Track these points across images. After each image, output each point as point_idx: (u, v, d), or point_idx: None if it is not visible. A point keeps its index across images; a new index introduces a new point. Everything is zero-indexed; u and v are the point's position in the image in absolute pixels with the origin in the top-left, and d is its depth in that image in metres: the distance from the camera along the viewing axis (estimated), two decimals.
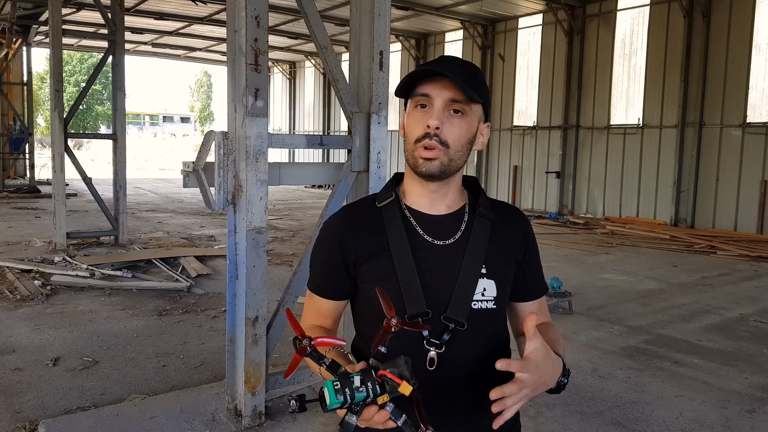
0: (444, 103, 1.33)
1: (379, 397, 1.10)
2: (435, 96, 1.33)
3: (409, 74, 1.34)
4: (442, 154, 1.34)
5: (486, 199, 1.48)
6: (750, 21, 12.36)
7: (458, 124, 1.34)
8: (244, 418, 3.68)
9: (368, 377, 1.10)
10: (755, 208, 12.30)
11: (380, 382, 1.11)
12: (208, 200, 3.60)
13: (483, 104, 1.38)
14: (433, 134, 1.33)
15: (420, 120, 1.35)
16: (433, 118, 1.32)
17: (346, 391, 1.08)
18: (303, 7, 3.79)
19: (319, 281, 1.49)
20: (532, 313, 1.23)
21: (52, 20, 9.16)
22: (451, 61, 1.37)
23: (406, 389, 1.09)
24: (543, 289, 1.57)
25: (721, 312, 6.74)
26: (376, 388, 1.10)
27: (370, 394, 1.09)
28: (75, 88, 46.35)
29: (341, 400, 1.08)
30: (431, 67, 1.33)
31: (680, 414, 4.13)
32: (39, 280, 7.09)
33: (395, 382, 1.10)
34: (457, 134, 1.34)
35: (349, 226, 1.45)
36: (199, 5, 16.73)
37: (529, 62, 16.92)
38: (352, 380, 1.09)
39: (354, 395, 1.08)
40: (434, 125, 1.32)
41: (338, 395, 1.08)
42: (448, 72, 1.30)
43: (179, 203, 16.42)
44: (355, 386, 1.09)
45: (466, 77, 1.32)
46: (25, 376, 4.53)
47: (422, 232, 1.41)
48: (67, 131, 9.21)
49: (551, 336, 1.45)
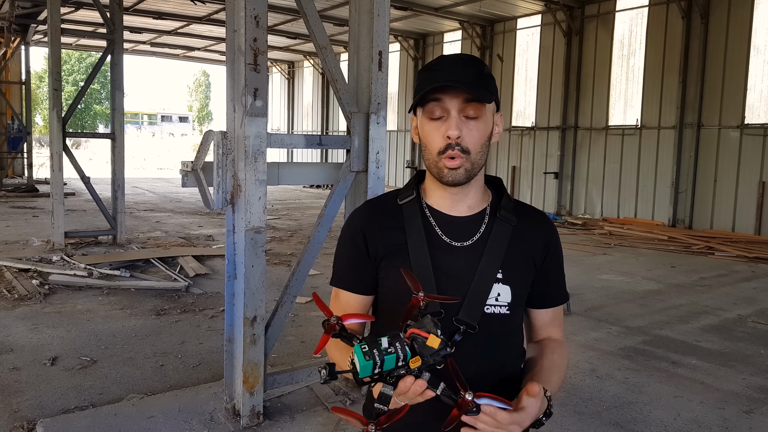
0: (459, 110, 1.32)
1: (411, 361, 1.06)
2: (448, 105, 1.32)
3: (422, 91, 1.32)
4: (465, 161, 1.34)
5: (509, 202, 1.46)
6: (748, 22, 12.38)
7: (476, 127, 1.34)
8: (242, 417, 3.68)
9: (396, 338, 1.07)
10: (753, 209, 12.32)
11: (409, 343, 1.08)
12: (207, 200, 3.60)
13: (495, 97, 1.38)
14: (455, 144, 1.32)
15: (437, 130, 1.34)
16: (452, 128, 1.31)
17: (375, 353, 1.05)
18: (302, 7, 3.79)
19: (346, 276, 1.48)
20: (532, 383, 1.20)
21: (51, 19, 9.14)
22: (455, 62, 1.35)
23: (434, 342, 1.07)
24: (561, 298, 1.53)
25: (718, 313, 6.75)
26: (405, 348, 1.06)
27: (400, 354, 1.06)
28: (73, 87, 46.32)
29: (370, 362, 1.04)
30: (437, 73, 1.32)
31: (678, 414, 4.14)
32: (37, 280, 7.08)
33: (422, 336, 1.08)
34: (476, 138, 1.34)
35: (371, 221, 1.45)
36: (197, 5, 16.71)
37: (527, 63, 16.93)
38: (380, 342, 1.06)
39: (383, 357, 1.05)
40: (455, 135, 1.31)
41: (367, 357, 1.04)
42: (458, 81, 1.29)
43: (177, 203, 16.41)
44: (384, 347, 1.05)
45: (474, 77, 1.31)
46: (23, 375, 4.52)
47: (440, 233, 1.41)
48: (66, 130, 9.19)
49: (554, 361, 1.43)
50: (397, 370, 1.07)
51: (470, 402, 1.08)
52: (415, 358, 1.07)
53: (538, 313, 1.51)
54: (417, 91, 1.35)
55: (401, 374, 1.07)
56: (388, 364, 1.06)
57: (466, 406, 1.08)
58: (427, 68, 1.37)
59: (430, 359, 1.08)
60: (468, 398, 1.08)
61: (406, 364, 1.06)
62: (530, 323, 1.53)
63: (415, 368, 1.07)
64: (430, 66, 1.37)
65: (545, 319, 1.51)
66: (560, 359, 1.45)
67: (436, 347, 1.07)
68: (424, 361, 1.08)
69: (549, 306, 1.51)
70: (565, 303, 1.55)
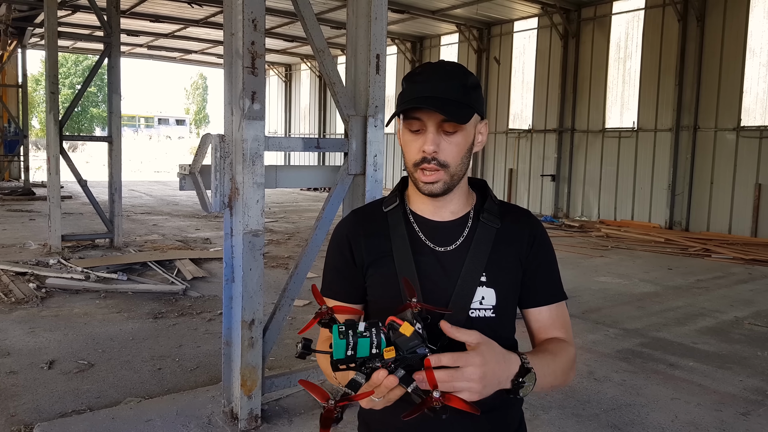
0: (436, 126, 1.31)
1: (385, 350, 1.07)
2: (426, 120, 1.31)
3: (399, 109, 1.31)
4: (443, 174, 1.33)
5: (493, 204, 1.45)
6: (744, 25, 12.44)
7: (455, 142, 1.33)
8: (240, 421, 3.67)
9: (373, 325, 1.08)
10: (749, 212, 12.36)
11: (386, 332, 1.08)
12: (205, 203, 3.60)
13: (477, 110, 1.36)
14: (431, 158, 1.32)
15: (414, 143, 1.34)
16: (428, 143, 1.31)
17: (349, 333, 1.06)
18: (300, 10, 3.80)
19: (334, 286, 1.47)
20: (442, 321, 1.18)
21: (48, 22, 9.14)
22: (438, 74, 1.33)
23: (407, 329, 1.08)
24: (556, 296, 1.46)
25: (715, 315, 6.76)
26: (381, 336, 1.07)
27: (374, 340, 1.06)
28: (70, 90, 46.30)
29: (343, 342, 1.05)
30: (419, 86, 1.31)
31: (675, 417, 4.15)
32: (34, 283, 7.06)
33: (397, 323, 1.09)
34: (455, 152, 1.33)
35: (357, 230, 1.46)
36: (195, 8, 16.73)
37: (524, 66, 16.97)
38: (357, 326, 1.07)
39: (357, 339, 1.06)
40: (430, 150, 1.31)
41: (341, 336, 1.06)
42: (435, 100, 1.27)
43: (174, 206, 16.39)
44: (359, 330, 1.06)
45: (456, 91, 1.30)
46: (20, 379, 4.51)
47: (424, 238, 1.41)
48: (62, 133, 9.18)
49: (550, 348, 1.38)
50: (372, 360, 1.07)
51: (436, 399, 1.08)
52: (390, 348, 1.07)
53: (533, 314, 1.46)
54: (398, 101, 1.34)
55: (377, 367, 1.08)
56: (362, 349, 1.06)
57: (430, 403, 1.08)
58: (410, 78, 1.35)
59: (404, 353, 1.08)
60: (435, 395, 1.08)
61: (380, 353, 1.07)
62: (530, 327, 1.49)
63: (389, 360, 1.07)
64: (414, 76, 1.35)
65: (542, 320, 1.45)
66: (557, 348, 1.39)
67: (408, 335, 1.08)
68: (398, 353, 1.08)
69: (542, 303, 1.45)
70: (563, 302, 1.48)
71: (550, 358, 1.34)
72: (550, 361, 1.33)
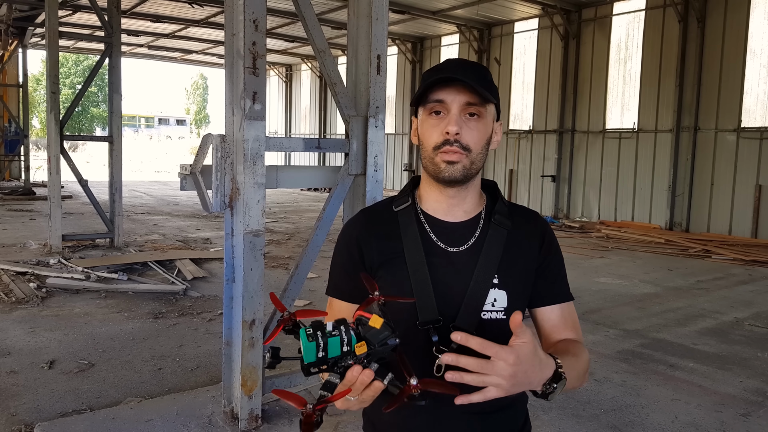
0: (460, 108, 1.31)
1: (356, 346, 1.05)
2: (450, 101, 1.31)
3: (426, 83, 1.32)
4: (464, 158, 1.33)
5: (504, 206, 1.44)
6: (744, 26, 12.44)
7: (476, 127, 1.33)
8: (240, 421, 3.67)
9: (341, 323, 1.06)
10: (749, 213, 12.36)
11: (354, 328, 1.06)
12: (205, 203, 3.60)
13: (495, 104, 1.38)
14: (454, 140, 1.31)
15: (436, 126, 1.33)
16: (452, 123, 1.30)
17: (318, 334, 1.04)
18: (300, 10, 3.80)
19: (341, 285, 1.46)
20: (517, 311, 1.15)
21: (49, 22, 9.14)
22: (459, 63, 1.35)
23: (376, 322, 1.06)
24: (563, 295, 1.46)
25: (716, 316, 6.76)
26: (350, 332, 1.05)
27: (344, 338, 1.04)
28: (71, 90, 46.29)
29: (313, 344, 1.03)
30: (442, 72, 1.32)
31: (676, 418, 4.15)
32: (34, 283, 7.07)
33: (365, 317, 1.07)
34: (476, 137, 1.34)
35: (367, 230, 1.44)
36: (195, 8, 16.73)
37: (524, 66, 16.98)
38: (325, 326, 1.05)
39: (327, 339, 1.03)
40: (454, 131, 1.30)
41: (310, 338, 1.03)
42: (461, 76, 1.29)
43: (175, 206, 16.39)
44: (328, 330, 1.04)
45: (477, 78, 1.31)
46: (21, 379, 4.51)
47: (435, 239, 1.40)
48: (63, 133, 9.18)
49: (569, 347, 1.36)
50: (344, 358, 1.06)
51: (415, 387, 1.06)
52: (361, 344, 1.06)
53: (543, 313, 1.45)
54: (420, 89, 1.35)
55: (349, 364, 1.06)
56: (333, 348, 1.04)
57: (408, 392, 1.07)
58: (432, 69, 1.37)
59: (376, 346, 1.06)
60: (413, 383, 1.06)
61: (351, 350, 1.05)
62: (540, 328, 1.48)
63: (361, 355, 1.06)
64: (436, 67, 1.37)
65: (554, 319, 1.45)
66: (577, 350, 1.37)
67: (378, 327, 1.06)
68: (369, 347, 1.06)
69: (552, 302, 1.45)
70: (572, 302, 1.48)
71: (574, 361, 1.32)
72: (575, 364, 1.31)
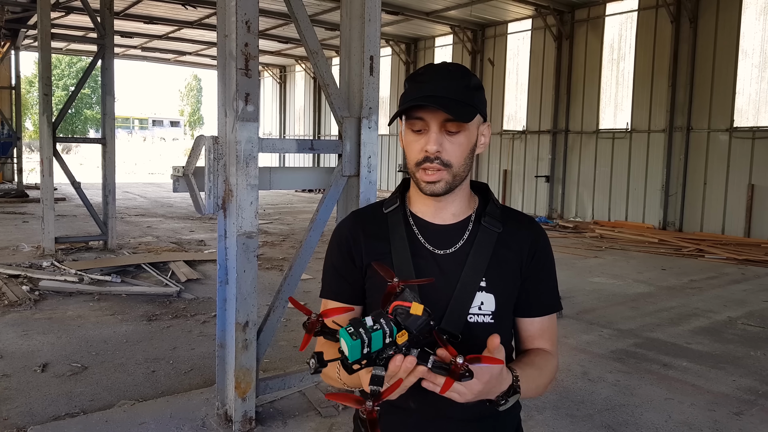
0: (439, 126, 1.30)
1: (398, 335, 1.06)
2: (429, 119, 1.30)
3: (402, 107, 1.31)
4: (446, 174, 1.32)
5: (495, 209, 1.43)
6: (736, 27, 12.50)
7: (457, 142, 1.32)
8: (234, 423, 3.67)
9: (380, 315, 1.07)
10: (742, 212, 12.42)
11: (393, 318, 1.07)
12: (199, 205, 3.59)
13: (480, 111, 1.36)
14: (434, 158, 1.31)
15: (417, 143, 1.33)
16: (431, 143, 1.30)
17: (361, 331, 1.04)
18: (293, 11, 3.79)
19: (333, 286, 1.46)
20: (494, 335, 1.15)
21: (41, 24, 9.10)
22: (441, 74, 1.33)
23: (417, 309, 1.06)
24: (550, 307, 1.46)
25: (709, 315, 6.79)
26: (390, 323, 1.06)
27: (386, 330, 1.05)
28: (63, 92, 46.09)
29: (358, 341, 1.03)
30: (422, 86, 1.30)
31: (669, 417, 4.16)
32: (27, 285, 7.03)
33: (406, 306, 1.07)
34: (457, 152, 1.32)
35: (356, 230, 1.45)
36: (188, 9, 16.70)
37: (518, 67, 17.02)
38: (364, 321, 1.06)
39: (370, 335, 1.04)
40: (433, 150, 1.30)
41: (354, 337, 1.03)
42: (438, 99, 1.27)
43: (169, 208, 16.35)
44: (369, 325, 1.05)
45: (459, 92, 1.30)
46: (13, 382, 4.49)
47: (423, 241, 1.40)
48: (56, 135, 9.14)
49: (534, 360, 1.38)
50: (386, 350, 1.06)
51: (462, 365, 1.07)
52: (402, 332, 1.06)
53: (524, 323, 1.45)
54: (401, 101, 1.34)
55: (390, 354, 1.06)
56: (376, 342, 1.05)
57: (458, 371, 1.07)
58: (413, 78, 1.35)
59: (415, 332, 1.07)
60: (459, 362, 1.07)
61: (393, 341, 1.06)
62: (518, 334, 1.48)
63: (402, 344, 1.07)
64: (416, 76, 1.35)
65: (533, 330, 1.45)
66: (543, 362, 1.40)
67: (420, 314, 1.07)
68: (410, 334, 1.07)
69: (535, 315, 1.45)
70: (557, 313, 1.47)
71: (537, 374, 1.36)
72: (536, 377, 1.35)
